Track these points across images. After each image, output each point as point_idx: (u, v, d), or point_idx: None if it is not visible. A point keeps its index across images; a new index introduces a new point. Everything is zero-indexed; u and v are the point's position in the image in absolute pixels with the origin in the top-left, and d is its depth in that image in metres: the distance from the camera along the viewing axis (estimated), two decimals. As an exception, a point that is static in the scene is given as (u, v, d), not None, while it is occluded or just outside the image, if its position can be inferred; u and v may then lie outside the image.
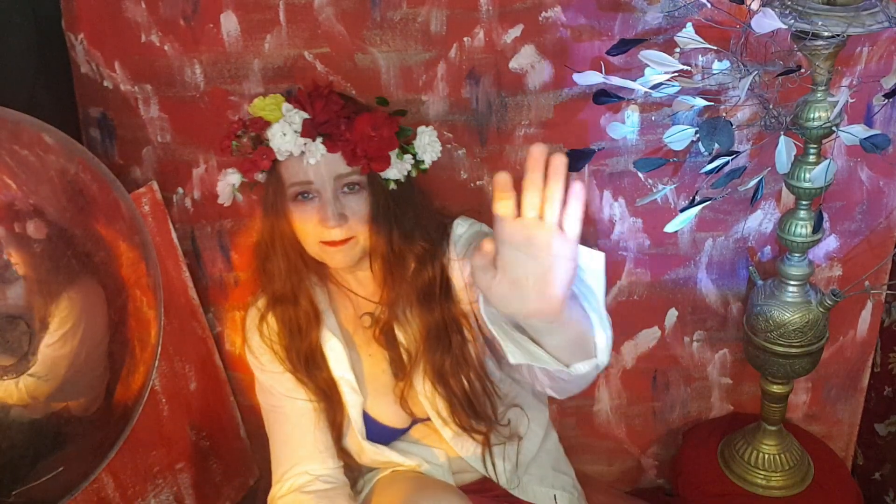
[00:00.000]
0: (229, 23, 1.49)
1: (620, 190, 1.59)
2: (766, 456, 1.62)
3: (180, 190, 1.64)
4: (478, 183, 1.59)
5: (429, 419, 1.43)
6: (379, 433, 1.44)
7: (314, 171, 1.26)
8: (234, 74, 1.52)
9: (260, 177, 1.32)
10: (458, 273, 1.36)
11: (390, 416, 1.44)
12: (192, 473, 1.72)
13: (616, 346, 1.73)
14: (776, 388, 1.58)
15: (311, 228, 1.29)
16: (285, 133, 1.25)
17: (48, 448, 1.36)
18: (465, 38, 1.48)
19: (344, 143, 1.26)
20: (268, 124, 1.28)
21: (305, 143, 1.25)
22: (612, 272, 1.67)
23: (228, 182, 1.34)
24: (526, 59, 1.49)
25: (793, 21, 1.21)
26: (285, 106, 1.28)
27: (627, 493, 1.84)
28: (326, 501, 1.38)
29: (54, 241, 1.35)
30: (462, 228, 1.38)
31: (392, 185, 1.31)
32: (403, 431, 1.46)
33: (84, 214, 1.38)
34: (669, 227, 1.45)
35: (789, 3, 1.24)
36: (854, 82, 1.46)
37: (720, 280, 1.68)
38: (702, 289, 1.69)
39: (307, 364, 1.40)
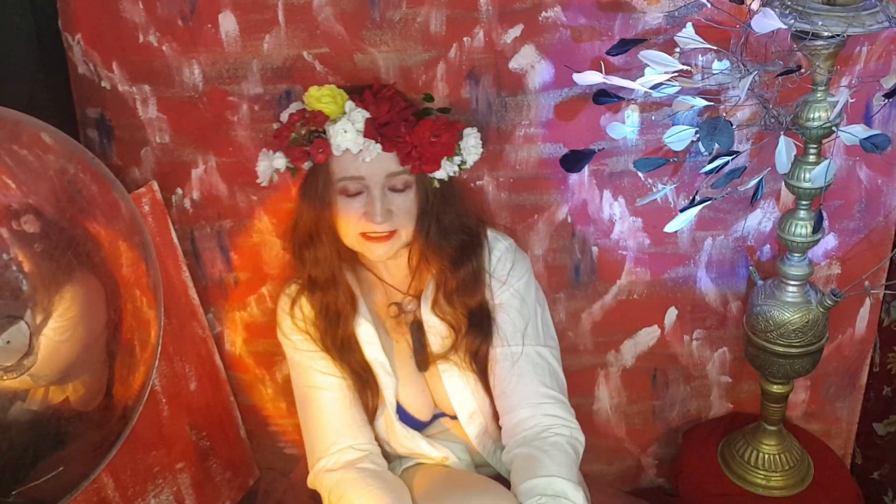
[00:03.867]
0: (228, 23, 1.48)
1: (620, 190, 1.59)
2: (766, 456, 1.62)
3: (179, 190, 1.63)
4: (478, 183, 1.59)
5: (450, 415, 1.47)
6: (406, 421, 1.47)
7: (367, 167, 1.31)
8: (233, 75, 1.52)
9: (306, 165, 1.34)
10: (495, 291, 1.42)
11: (417, 406, 1.47)
12: (192, 473, 1.72)
13: (616, 344, 1.74)
14: (776, 388, 1.58)
15: (355, 222, 1.33)
16: (346, 131, 1.28)
17: (48, 448, 1.36)
18: (464, 38, 1.47)
19: (402, 144, 1.29)
20: (327, 118, 1.31)
21: (365, 143, 1.29)
22: (613, 271, 1.67)
23: (271, 165, 1.36)
24: (526, 59, 1.49)
25: (793, 21, 1.21)
26: (348, 104, 1.31)
27: (627, 492, 1.84)
28: (379, 481, 1.38)
29: (54, 241, 1.35)
30: (501, 248, 1.44)
31: (436, 184, 1.36)
32: (426, 424, 1.49)
33: (84, 214, 1.38)
34: (669, 227, 1.45)
35: (789, 3, 1.24)
36: (854, 82, 1.46)
37: (720, 279, 1.68)
38: (701, 288, 1.69)
39: (342, 349, 1.43)
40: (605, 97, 1.38)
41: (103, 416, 1.42)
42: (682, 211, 1.44)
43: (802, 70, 1.32)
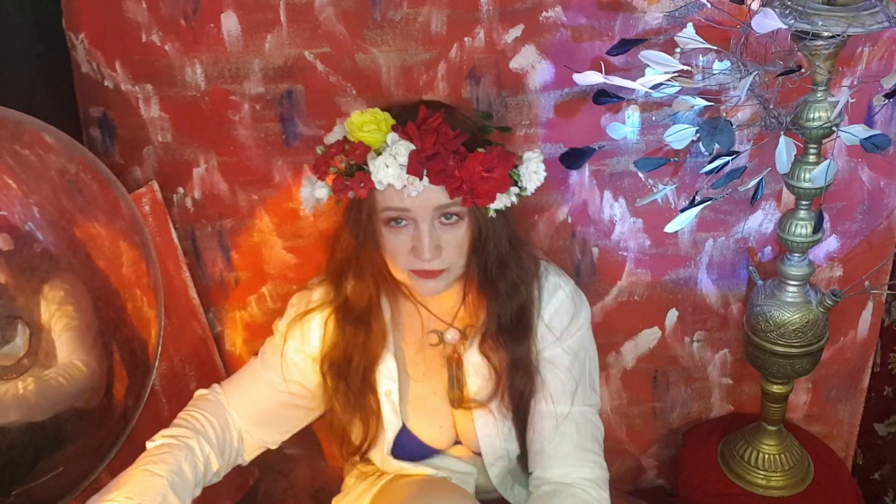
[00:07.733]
0: (230, 22, 1.49)
1: (621, 190, 1.59)
2: (766, 456, 1.62)
3: (181, 190, 1.64)
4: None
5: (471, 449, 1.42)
6: (415, 449, 1.41)
7: (412, 200, 1.19)
8: (235, 74, 1.52)
9: (350, 194, 1.23)
10: (546, 344, 1.34)
11: (434, 438, 1.41)
12: (192, 473, 1.72)
13: (616, 346, 1.74)
14: (776, 389, 1.58)
15: (403, 257, 1.24)
16: (388, 165, 1.17)
17: (48, 448, 1.36)
18: (465, 38, 1.48)
19: (450, 178, 1.18)
20: (368, 150, 1.20)
21: (409, 178, 1.18)
22: (613, 273, 1.67)
23: (314, 195, 1.26)
24: (526, 59, 1.49)
25: (793, 21, 1.21)
26: (391, 136, 1.20)
27: (627, 492, 1.83)
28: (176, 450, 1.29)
29: (54, 241, 1.35)
30: (562, 296, 1.35)
31: (492, 213, 1.25)
32: (440, 453, 1.43)
33: (84, 214, 1.39)
34: (669, 228, 1.45)
35: (789, 3, 1.24)
36: (854, 82, 1.46)
37: (720, 280, 1.68)
38: (702, 289, 1.69)
39: (362, 383, 1.35)
40: (606, 97, 1.38)
41: (103, 416, 1.42)
42: (682, 211, 1.44)
43: (802, 70, 1.32)
